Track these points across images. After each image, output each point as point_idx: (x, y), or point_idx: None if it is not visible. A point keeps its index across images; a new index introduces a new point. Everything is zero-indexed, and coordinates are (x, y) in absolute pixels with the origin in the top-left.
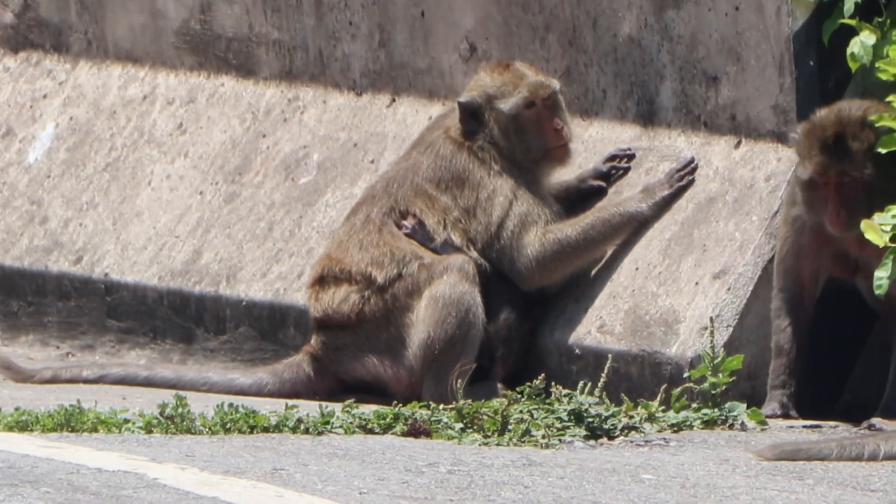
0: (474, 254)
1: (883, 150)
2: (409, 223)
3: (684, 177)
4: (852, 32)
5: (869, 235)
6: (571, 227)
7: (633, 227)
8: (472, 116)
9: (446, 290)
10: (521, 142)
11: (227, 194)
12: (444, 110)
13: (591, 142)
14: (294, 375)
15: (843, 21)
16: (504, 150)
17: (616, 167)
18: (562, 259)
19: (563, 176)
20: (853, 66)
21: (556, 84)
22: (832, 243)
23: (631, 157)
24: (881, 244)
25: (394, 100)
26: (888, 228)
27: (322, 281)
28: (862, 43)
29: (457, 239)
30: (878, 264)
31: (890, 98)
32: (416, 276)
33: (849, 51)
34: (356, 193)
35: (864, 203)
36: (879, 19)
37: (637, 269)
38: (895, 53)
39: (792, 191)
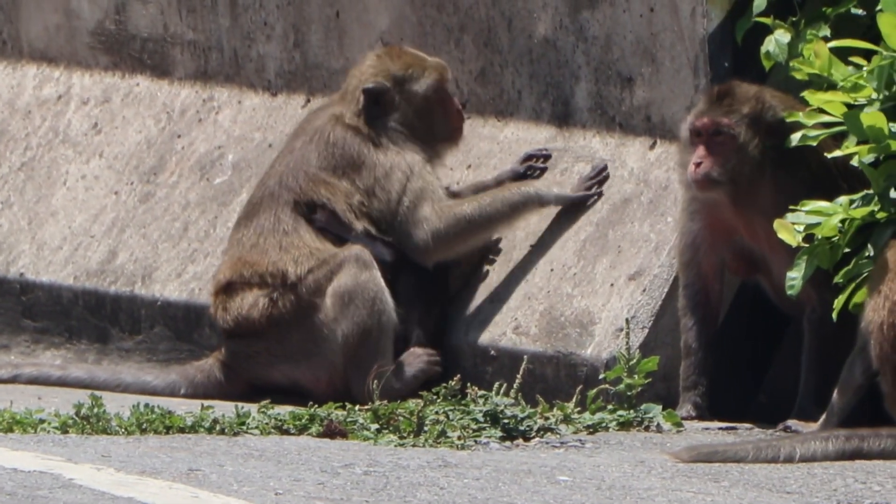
0: (389, 238)
1: (791, 145)
2: (320, 216)
3: (592, 186)
4: (766, 32)
5: (782, 235)
6: (468, 203)
7: (534, 208)
8: (375, 102)
9: (349, 283)
10: (429, 122)
11: (142, 194)
12: (323, 102)
13: (506, 142)
14: (206, 380)
15: (757, 19)
16: (406, 131)
17: (532, 167)
18: (459, 234)
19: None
20: (767, 64)
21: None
22: (727, 232)
23: (547, 157)
24: (794, 244)
25: (309, 100)
26: (801, 228)
27: (227, 289)
28: (776, 41)
29: (369, 226)
30: (777, 261)
31: (804, 94)
32: (316, 274)
33: (763, 49)
34: None
35: (730, 165)
36: (794, 18)
37: (552, 270)
38: (809, 52)
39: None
